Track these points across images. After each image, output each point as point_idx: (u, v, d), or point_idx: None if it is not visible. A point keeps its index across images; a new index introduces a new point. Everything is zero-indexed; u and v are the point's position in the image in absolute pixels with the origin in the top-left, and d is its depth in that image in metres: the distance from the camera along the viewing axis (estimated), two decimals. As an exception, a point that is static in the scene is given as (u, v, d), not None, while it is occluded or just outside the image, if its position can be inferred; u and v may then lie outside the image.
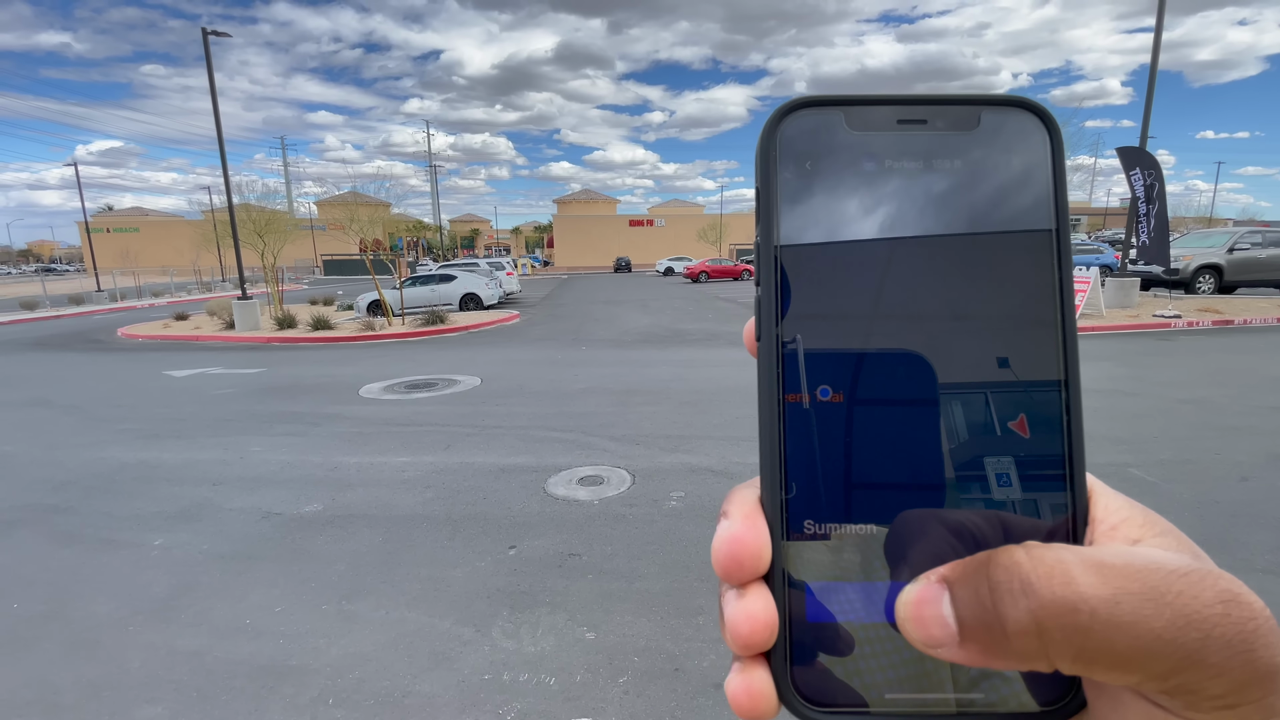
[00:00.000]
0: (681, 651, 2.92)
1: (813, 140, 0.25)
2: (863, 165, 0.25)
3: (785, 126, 0.25)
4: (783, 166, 0.25)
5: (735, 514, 0.25)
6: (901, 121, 0.25)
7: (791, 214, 0.25)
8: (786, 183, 0.25)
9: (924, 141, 0.25)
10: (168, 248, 64.94)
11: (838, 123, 0.25)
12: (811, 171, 0.25)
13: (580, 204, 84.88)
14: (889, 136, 0.25)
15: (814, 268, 0.25)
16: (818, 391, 0.25)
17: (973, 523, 0.23)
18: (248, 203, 19.45)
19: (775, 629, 0.23)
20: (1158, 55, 14.06)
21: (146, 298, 30.49)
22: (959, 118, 0.25)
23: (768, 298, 0.25)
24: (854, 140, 0.25)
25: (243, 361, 11.76)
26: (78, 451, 6.32)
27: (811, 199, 0.25)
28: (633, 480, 5.01)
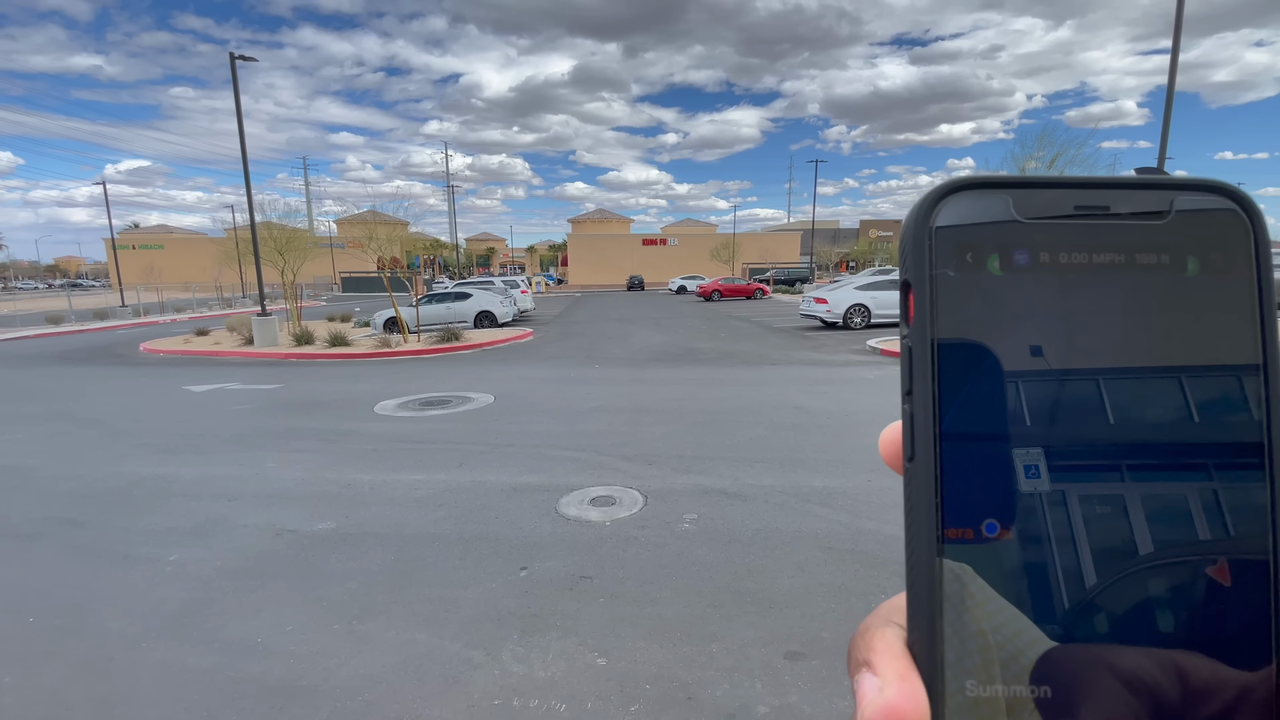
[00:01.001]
0: (694, 680, 2.87)
1: (975, 228, 0.22)
2: (1034, 258, 0.22)
3: (942, 211, 0.22)
4: (940, 259, 0.22)
5: (887, 671, 0.21)
6: (1080, 207, 0.22)
7: (950, 316, 0.22)
8: (944, 279, 0.22)
9: (1107, 232, 0.22)
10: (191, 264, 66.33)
11: (1004, 208, 0.22)
12: (974, 265, 0.22)
13: (594, 223, 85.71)
14: (1065, 225, 0.22)
15: (978, 379, 0.22)
16: (983, 526, 0.21)
17: (1147, 672, 0.20)
18: (269, 221, 19.85)
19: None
20: (1174, 77, 14.02)
21: (169, 313, 31.08)
22: (1148, 203, 0.22)
23: (923, 412, 0.22)
24: (1024, 229, 0.22)
25: (261, 377, 11.92)
26: (97, 465, 6.41)
27: (974, 298, 0.22)
28: (645, 501, 4.98)
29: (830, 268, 60.79)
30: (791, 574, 3.79)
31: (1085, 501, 0.21)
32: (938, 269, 0.22)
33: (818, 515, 4.61)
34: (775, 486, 5.22)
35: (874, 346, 13.36)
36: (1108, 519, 0.21)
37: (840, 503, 4.81)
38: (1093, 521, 0.21)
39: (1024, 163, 19.29)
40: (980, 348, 0.22)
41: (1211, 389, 0.21)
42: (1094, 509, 0.21)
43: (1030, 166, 19.23)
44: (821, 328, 17.68)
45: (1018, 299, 0.22)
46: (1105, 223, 0.22)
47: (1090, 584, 0.21)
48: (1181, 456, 0.21)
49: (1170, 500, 0.21)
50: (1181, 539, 0.21)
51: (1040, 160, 19.01)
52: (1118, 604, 0.21)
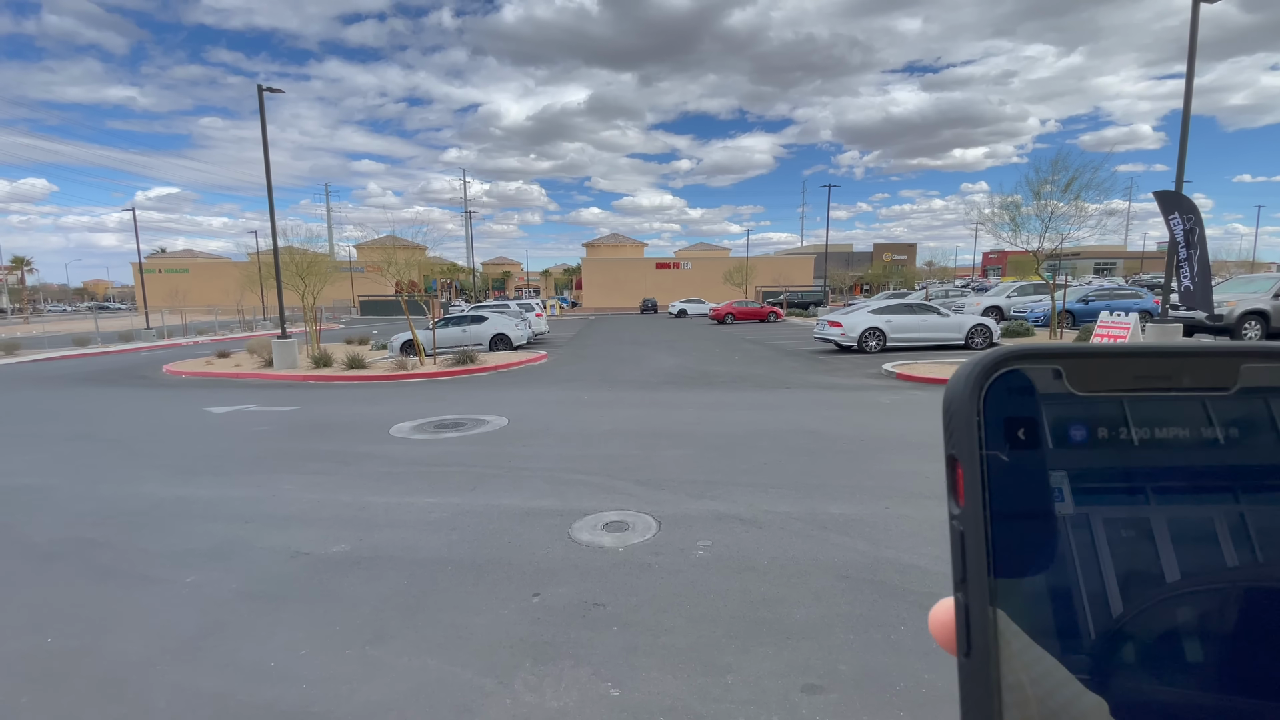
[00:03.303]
0: (709, 713, 2.81)
1: (1027, 403, 0.20)
2: (1092, 435, 0.20)
3: (993, 386, 0.21)
4: (990, 437, 0.21)
5: None
6: (1139, 379, 0.20)
7: (1004, 499, 0.20)
8: (995, 460, 0.20)
9: (1169, 405, 0.20)
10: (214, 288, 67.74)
11: (1057, 381, 0.21)
12: (1027, 443, 0.20)
13: (608, 247, 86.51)
14: (1124, 400, 0.20)
15: (1037, 570, 0.20)
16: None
17: None
18: (291, 245, 20.27)
19: None
20: (1190, 100, 13.98)
21: (191, 335, 31.68)
22: (1212, 374, 0.20)
23: (979, 605, 0.20)
24: (1079, 403, 0.20)
25: (279, 399, 12.07)
26: (118, 486, 6.50)
27: (1029, 480, 0.20)
28: (658, 527, 4.94)
29: (844, 291, 60.65)
30: (809, 604, 3.72)
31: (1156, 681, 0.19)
32: (989, 449, 0.20)
33: (835, 543, 4.54)
34: (791, 513, 5.15)
35: (889, 370, 13.25)
36: (1198, 707, 0.19)
37: (858, 530, 4.74)
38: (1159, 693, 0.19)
39: (1039, 186, 19.22)
40: (1039, 535, 0.20)
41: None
42: (1167, 709, 0.19)
43: (1045, 190, 19.16)
44: (836, 351, 17.58)
45: (1076, 480, 0.20)
46: (1167, 395, 0.20)
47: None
48: (1269, 651, 0.19)
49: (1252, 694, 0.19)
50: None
51: (1055, 184, 18.94)
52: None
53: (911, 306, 17.79)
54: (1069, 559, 0.19)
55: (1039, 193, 19.16)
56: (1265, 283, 17.16)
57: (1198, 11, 13.29)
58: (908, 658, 3.14)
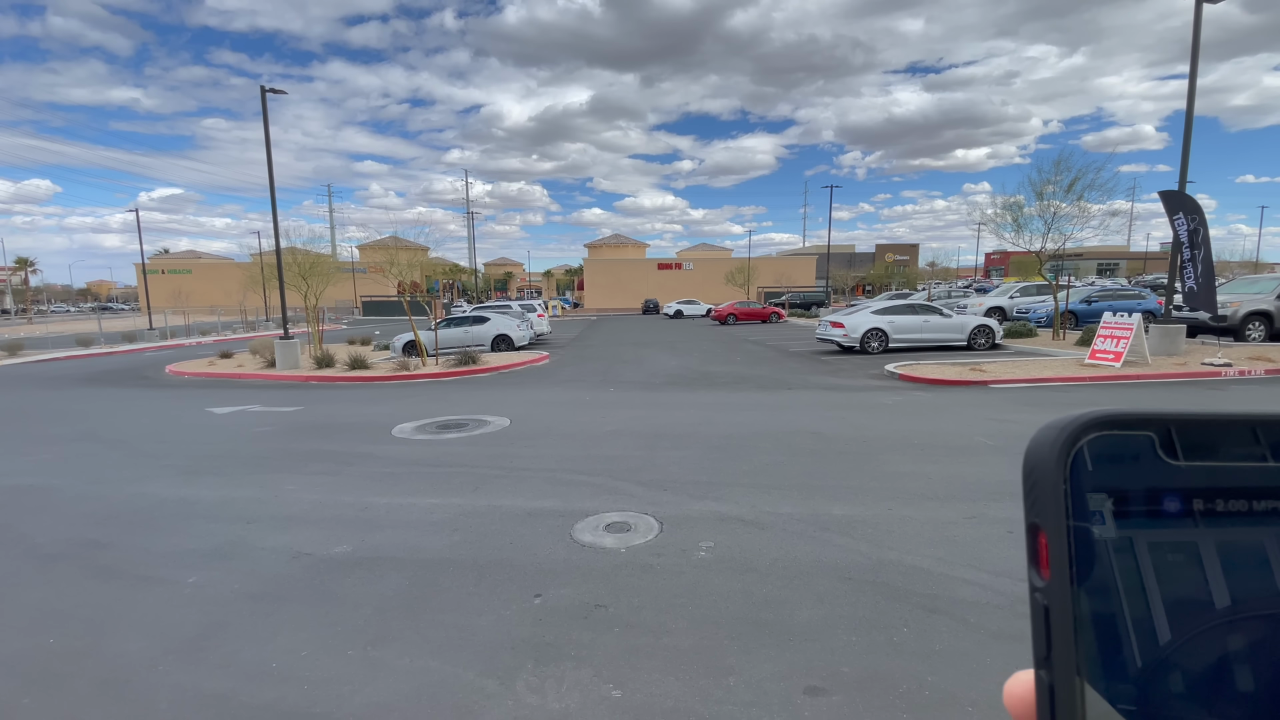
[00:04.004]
0: (711, 715, 2.80)
1: (1118, 471, 0.19)
2: (1186, 505, 0.19)
3: (1083, 452, 0.19)
4: (1077, 506, 0.19)
5: None
6: (1238, 446, 0.19)
7: (1094, 572, 0.19)
8: (1083, 532, 0.19)
9: (1269, 476, 0.19)
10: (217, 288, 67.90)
11: (1149, 448, 0.19)
12: (1117, 514, 0.19)
13: (610, 248, 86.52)
14: (1223, 469, 0.19)
15: (1126, 647, 0.18)
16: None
17: None
18: (294, 246, 20.31)
19: None
20: (1193, 101, 13.94)
21: (194, 336, 31.75)
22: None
23: (1066, 687, 0.18)
24: (1174, 472, 0.19)
25: (282, 399, 12.08)
26: (121, 486, 6.51)
27: (1120, 553, 0.19)
28: (660, 528, 4.93)
29: (846, 291, 60.60)
30: (811, 605, 3.71)
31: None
32: (1076, 520, 0.19)
33: (837, 544, 4.53)
34: (793, 514, 5.14)
35: (892, 371, 13.23)
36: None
37: (861, 532, 4.73)
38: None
39: (1041, 187, 19.17)
40: (1127, 609, 0.18)
41: None
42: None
43: (1048, 191, 19.11)
44: (838, 352, 17.56)
45: (1170, 553, 0.19)
46: (1268, 465, 0.19)
47: None
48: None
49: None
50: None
51: (1058, 185, 18.89)
52: None
53: (914, 307, 17.76)
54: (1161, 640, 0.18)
55: (1042, 193, 19.11)
56: (1269, 283, 17.11)
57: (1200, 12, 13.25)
58: (910, 660, 3.13)
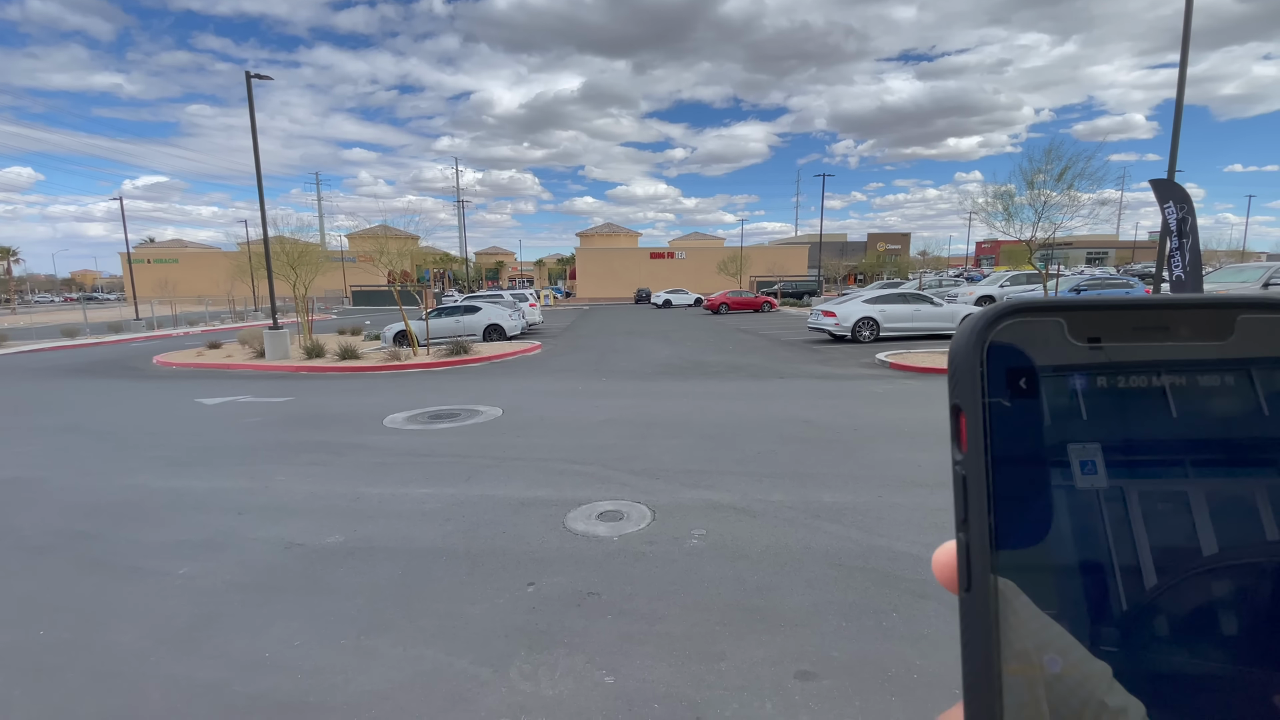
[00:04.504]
0: (703, 699, 2.84)
1: (1029, 353, 0.21)
2: (1090, 383, 0.21)
3: (995, 337, 0.22)
4: (993, 385, 0.21)
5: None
6: (1138, 330, 0.21)
7: (1005, 443, 0.21)
8: (998, 406, 0.21)
9: (1167, 355, 0.21)
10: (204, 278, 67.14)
11: (1058, 332, 0.21)
12: (1027, 392, 0.21)
13: (602, 237, 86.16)
14: (1122, 348, 0.21)
15: (1035, 508, 0.21)
16: (1045, 662, 0.20)
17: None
18: (282, 235, 20.09)
19: None
20: (1183, 91, 13.99)
21: (182, 326, 31.42)
22: (1209, 324, 0.21)
23: (979, 543, 0.21)
24: (1079, 353, 0.21)
25: (271, 390, 12.00)
26: (109, 478, 6.46)
27: (1029, 425, 0.21)
28: (653, 516, 4.95)
29: (838, 281, 60.71)
30: (801, 591, 3.75)
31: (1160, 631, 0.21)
32: (991, 396, 0.21)
33: (828, 531, 4.57)
34: (784, 502, 5.18)
35: (883, 360, 13.30)
36: (1186, 645, 0.20)
37: (851, 519, 4.77)
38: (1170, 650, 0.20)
39: (1032, 176, 19.22)
40: (1038, 478, 0.21)
41: None
42: (1156, 631, 0.21)
43: (1038, 180, 19.16)
44: (830, 341, 17.62)
45: (1074, 426, 0.21)
46: (1166, 344, 0.21)
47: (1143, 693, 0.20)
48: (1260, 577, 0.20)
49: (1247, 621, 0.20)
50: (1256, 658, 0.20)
51: (1049, 173, 18.94)
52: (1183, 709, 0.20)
53: (905, 296, 17.84)
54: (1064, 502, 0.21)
55: (1032, 182, 19.12)
56: (1255, 272, 17.29)
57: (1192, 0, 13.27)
58: (900, 644, 3.18)
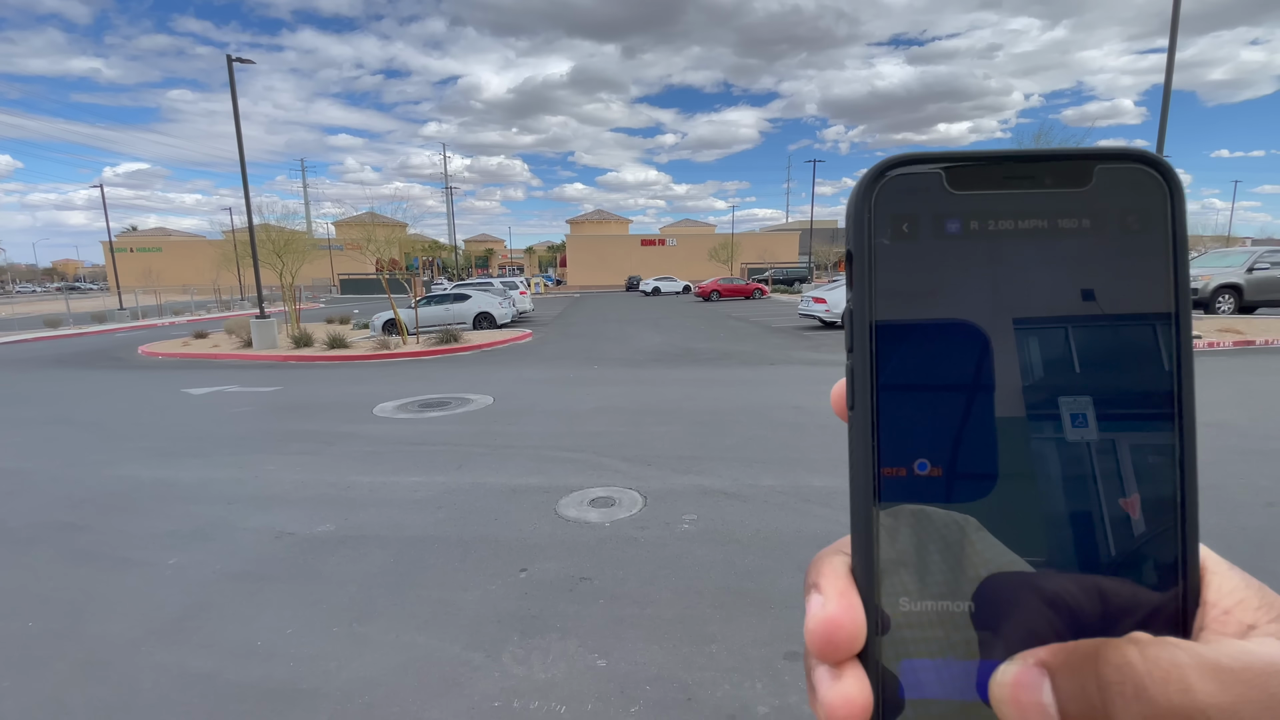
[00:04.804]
0: (694, 681, 2.87)
1: (910, 202, 0.24)
2: (964, 227, 0.24)
3: (881, 187, 0.24)
4: (878, 230, 0.24)
5: (829, 590, 0.24)
6: (1008, 179, 0.24)
7: (888, 280, 0.24)
8: (882, 248, 0.24)
9: (1032, 201, 0.24)
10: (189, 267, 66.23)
11: (936, 182, 0.24)
12: (910, 235, 0.24)
13: (593, 224, 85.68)
14: (993, 196, 0.24)
15: (911, 339, 0.24)
16: (915, 465, 0.24)
17: (1069, 593, 0.22)
18: (267, 223, 19.83)
19: (870, 710, 0.23)
20: (1171, 76, 14.03)
21: (167, 316, 31.05)
22: (1071, 174, 0.24)
23: (862, 367, 0.24)
24: (955, 201, 0.24)
25: (259, 380, 11.91)
26: (96, 469, 6.40)
27: (910, 265, 0.24)
28: (645, 502, 4.98)
29: (829, 267, 60.81)
30: (791, 574, 3.79)
31: (1008, 443, 0.23)
32: (876, 240, 0.24)
33: (818, 515, 4.61)
34: (775, 487, 5.22)
35: (873, 346, 13.35)
36: (1029, 457, 0.23)
37: (840, 502, 4.82)
38: (1015, 460, 0.23)
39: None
40: (915, 310, 0.24)
41: (1127, 340, 0.23)
42: (1017, 449, 0.23)
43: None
44: (820, 327, 17.68)
45: (949, 264, 0.24)
46: (1031, 192, 0.24)
47: (1012, 514, 0.23)
48: (1099, 397, 0.23)
49: (1088, 440, 0.23)
50: (1098, 474, 0.23)
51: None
52: (1038, 533, 0.23)
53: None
54: (938, 333, 0.24)
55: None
56: (1239, 257, 17.48)
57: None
58: (887, 624, 3.22)
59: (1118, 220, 0.23)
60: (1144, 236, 0.23)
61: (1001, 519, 0.23)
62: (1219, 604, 0.22)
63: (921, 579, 0.24)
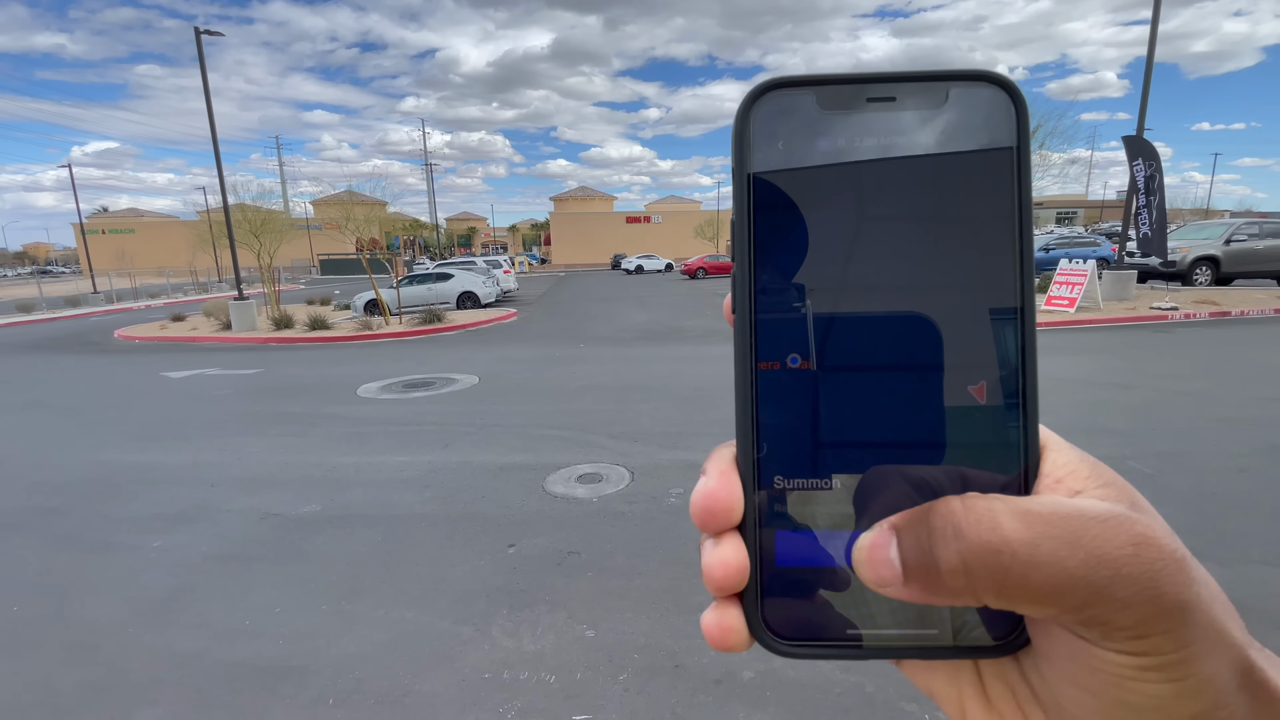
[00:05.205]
0: (681, 648, 2.92)
1: (784, 121, 0.26)
2: (832, 144, 0.26)
3: (758, 108, 0.26)
4: (755, 147, 0.26)
5: (711, 471, 0.27)
6: (871, 100, 0.26)
7: (764, 193, 0.26)
8: (759, 163, 0.26)
9: (893, 119, 0.26)
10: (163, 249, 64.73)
11: (808, 103, 0.26)
12: (784, 152, 0.26)
13: (577, 201, 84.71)
14: (858, 115, 0.26)
15: (786, 244, 0.26)
16: (788, 359, 0.26)
17: (934, 478, 0.25)
18: (243, 203, 19.38)
19: (746, 573, 0.26)
20: (1154, 48, 14.03)
21: (143, 299, 30.40)
22: (927, 95, 0.25)
23: (742, 273, 0.26)
24: (824, 119, 0.26)
25: (240, 362, 11.74)
26: (75, 454, 6.31)
27: (783, 178, 0.26)
28: (632, 477, 5.01)
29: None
30: (776, 544, 3.84)
31: (869, 337, 0.26)
32: (755, 156, 0.26)
33: (802, 487, 4.67)
34: (760, 460, 5.27)
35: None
36: (889, 350, 0.26)
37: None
38: (875, 352, 0.26)
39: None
40: (788, 220, 0.26)
41: (977, 241, 0.25)
42: (877, 342, 0.26)
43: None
44: (805, 303, 17.73)
45: (819, 178, 0.26)
46: (892, 111, 0.26)
47: (873, 402, 0.26)
48: (950, 294, 0.25)
49: (941, 332, 0.25)
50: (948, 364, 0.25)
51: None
52: (896, 417, 0.26)
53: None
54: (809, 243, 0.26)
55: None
56: (1217, 229, 17.69)
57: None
58: (870, 591, 3.29)
59: (969, 137, 0.25)
60: (994, 151, 0.25)
61: (865, 406, 0.26)
62: (1052, 474, 0.25)
63: (795, 461, 0.26)
